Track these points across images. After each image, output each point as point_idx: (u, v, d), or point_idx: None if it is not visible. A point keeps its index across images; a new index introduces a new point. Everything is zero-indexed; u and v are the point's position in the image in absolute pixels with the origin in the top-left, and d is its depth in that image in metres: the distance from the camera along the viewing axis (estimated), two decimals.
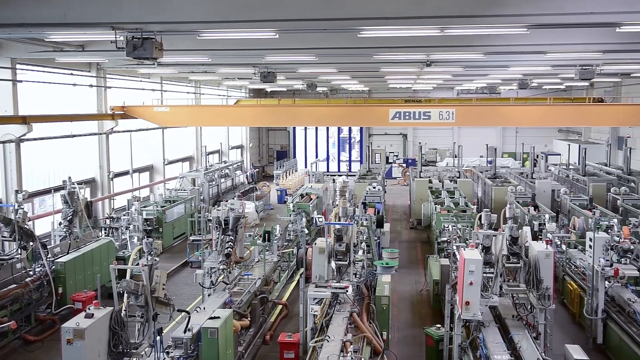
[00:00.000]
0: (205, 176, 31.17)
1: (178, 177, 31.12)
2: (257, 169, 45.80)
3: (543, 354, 10.88)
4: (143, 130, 28.44)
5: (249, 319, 14.08)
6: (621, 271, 13.94)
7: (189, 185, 30.16)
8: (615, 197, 24.47)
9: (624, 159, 30.37)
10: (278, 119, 29.09)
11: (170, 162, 32.41)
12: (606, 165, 33.34)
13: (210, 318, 11.66)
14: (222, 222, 14.57)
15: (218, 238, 14.55)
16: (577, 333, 15.53)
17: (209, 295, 14.03)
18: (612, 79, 35.42)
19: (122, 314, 10.63)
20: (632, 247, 15.13)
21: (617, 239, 15.27)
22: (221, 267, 14.05)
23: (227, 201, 15.57)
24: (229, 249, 14.35)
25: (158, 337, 10.59)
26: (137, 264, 10.91)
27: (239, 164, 40.50)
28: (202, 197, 29.50)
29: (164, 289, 11.01)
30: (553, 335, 12.60)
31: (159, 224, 23.64)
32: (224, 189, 33.58)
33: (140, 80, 28.81)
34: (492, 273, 12.32)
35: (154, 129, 29.23)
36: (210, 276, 14.15)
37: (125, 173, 27.37)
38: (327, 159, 52.56)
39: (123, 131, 26.47)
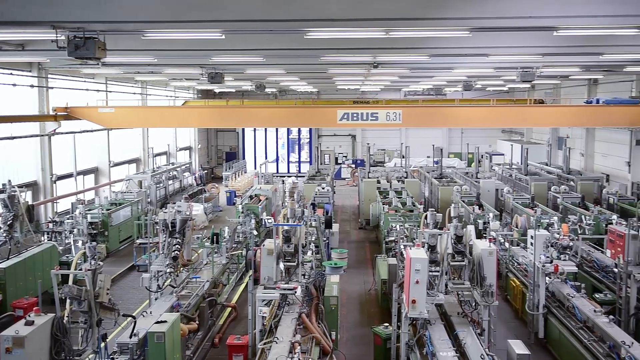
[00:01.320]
0: (153, 178, 30.68)
1: (124, 180, 30.53)
2: (205, 171, 45.35)
3: (487, 349, 11.16)
4: (87, 131, 27.76)
5: (197, 322, 13.93)
6: (561, 267, 14.39)
7: (135, 187, 29.60)
8: (556, 196, 25.26)
9: (564, 159, 31.40)
10: (226, 120, 28.86)
11: (116, 164, 31.77)
12: (547, 164, 34.40)
13: (157, 322, 11.47)
14: (169, 225, 14.39)
15: (165, 241, 14.37)
16: (520, 328, 15.95)
17: (156, 299, 13.84)
18: (552, 81, 36.66)
19: (64, 321, 10.35)
20: (571, 243, 15.65)
21: (557, 236, 15.79)
22: (168, 270, 13.87)
23: (174, 203, 15.37)
24: (176, 251, 14.17)
25: (102, 343, 10.38)
26: (81, 269, 10.65)
27: (187, 165, 40.02)
28: (149, 200, 29.01)
29: (108, 293, 10.78)
30: (497, 330, 12.93)
31: (105, 227, 23.15)
32: (172, 191, 33.12)
33: (84, 81, 28.15)
34: (438, 271, 12.50)
35: (99, 130, 28.57)
36: (158, 280, 13.96)
37: (69, 176, 26.69)
38: (277, 160, 52.50)
39: (66, 133, 25.79)
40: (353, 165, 47.84)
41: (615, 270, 14.96)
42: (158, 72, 27.15)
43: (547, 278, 14.58)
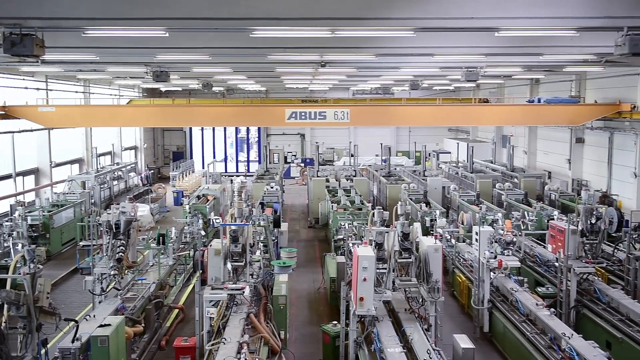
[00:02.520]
0: (96, 179, 29.95)
1: (66, 180, 29.69)
2: (152, 171, 44.52)
3: (433, 344, 11.33)
4: (27, 131, 26.83)
5: (142, 324, 13.68)
6: (504, 262, 14.75)
7: (78, 188, 28.81)
8: (500, 193, 25.88)
9: (508, 157, 32.17)
10: (173, 119, 28.43)
11: (58, 165, 30.85)
12: (492, 162, 35.19)
13: (101, 326, 11.22)
14: (113, 226, 14.08)
15: (109, 243, 14.04)
16: (466, 323, 16.27)
17: (99, 302, 13.53)
18: (496, 81, 37.53)
19: (1, 327, 9.98)
20: (514, 239, 16.08)
21: (501, 232, 16.17)
22: (112, 272, 13.59)
23: (118, 204, 15.05)
24: (120, 253, 13.88)
25: (43, 349, 10.05)
26: (19, 273, 10.28)
27: (133, 165, 39.24)
28: (92, 201, 28.31)
29: (48, 297, 10.43)
30: (443, 326, 13.14)
31: (46, 229, 22.48)
32: (117, 191, 32.42)
33: (23, 79, 27.23)
34: (385, 269, 12.65)
35: (39, 130, 27.69)
36: (101, 282, 13.63)
37: (8, 177, 25.79)
38: (225, 159, 52.06)
39: (4, 132, 24.91)
40: (302, 164, 47.88)
41: (557, 264, 15.42)
42: (101, 70, 26.48)
43: (491, 273, 14.92)
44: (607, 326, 13.33)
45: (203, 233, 21.13)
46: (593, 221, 15.40)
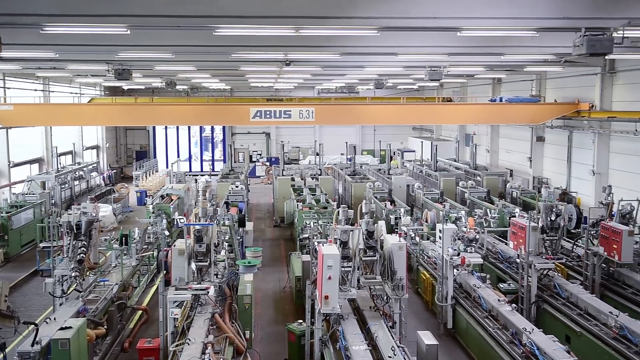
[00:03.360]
0: (57, 179, 29.33)
1: (26, 181, 29.01)
2: (114, 170, 43.88)
3: (398, 341, 11.43)
4: None
5: (105, 326, 13.47)
6: (467, 259, 14.93)
7: (38, 188, 28.17)
8: (463, 191, 26.20)
9: (471, 155, 32.60)
10: (135, 118, 28.09)
11: (17, 165, 30.13)
12: (455, 160, 35.61)
13: (61, 329, 11.00)
14: (74, 227, 13.81)
15: (69, 244, 13.77)
16: (431, 319, 16.44)
17: (60, 304, 13.25)
18: (459, 80, 38.00)
19: None
20: (477, 236, 16.30)
21: (464, 229, 16.38)
22: (73, 274, 13.33)
23: (79, 205, 14.77)
24: (81, 255, 13.63)
25: (1, 354, 9.82)
26: None
27: (95, 165, 38.58)
28: (53, 201, 27.73)
29: (6, 300, 10.21)
30: (408, 323, 13.23)
31: (4, 230, 21.99)
32: (78, 192, 31.78)
33: None
34: (350, 267, 12.68)
35: None
36: (62, 284, 13.37)
37: None
38: (190, 158, 51.59)
39: None
40: (267, 163, 47.73)
41: (518, 260, 15.70)
42: (61, 68, 25.94)
43: (454, 270, 15.08)
44: (566, 320, 13.62)
45: (167, 233, 20.88)
46: (553, 218, 15.75)
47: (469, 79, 36.62)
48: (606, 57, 21.93)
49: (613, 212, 16.49)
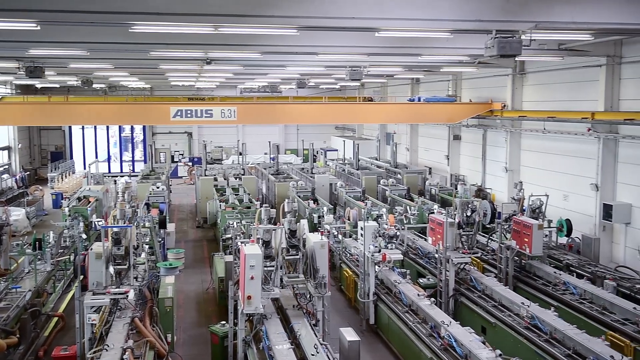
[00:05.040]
0: None
1: None
2: (28, 172, 41.91)
3: (321, 339, 11.54)
4: None
5: (17, 335, 12.89)
6: (388, 256, 15.21)
7: None
8: (384, 188, 26.70)
9: (391, 154, 33.27)
10: (49, 118, 26.96)
11: None
12: (377, 159, 36.25)
13: None
14: None
15: None
16: (353, 316, 16.68)
17: None
18: (380, 80, 38.70)
19: None
20: (397, 233, 16.64)
21: (385, 226, 16.70)
22: None
23: None
24: None
25: None
26: None
27: (7, 167, 36.79)
28: None
29: None
30: (331, 320, 13.38)
31: None
32: None
33: None
34: (273, 266, 12.70)
35: None
36: None
37: None
38: (109, 159, 50.04)
39: None
40: (190, 164, 47.00)
41: (436, 256, 16.16)
42: None
43: (376, 267, 15.36)
44: (482, 312, 14.15)
45: (84, 236, 20.10)
46: (469, 214, 16.32)
47: (389, 79, 37.35)
48: (516, 59, 22.98)
49: (524, 207, 17.25)
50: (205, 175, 30.59)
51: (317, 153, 42.79)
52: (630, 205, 18.88)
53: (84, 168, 44.04)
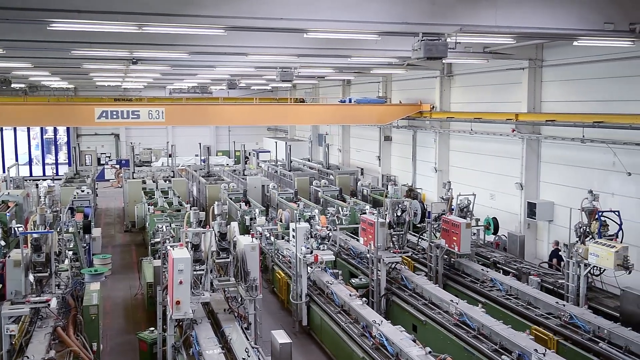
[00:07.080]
0: None
1: None
2: None
3: (253, 342, 11.41)
4: None
5: None
6: (320, 257, 15.21)
7: None
8: (317, 189, 26.75)
9: (324, 155, 33.38)
10: None
11: None
12: (309, 160, 36.28)
13: None
14: None
15: None
16: (286, 318, 16.58)
17: None
18: (311, 81, 38.76)
19: None
20: (329, 234, 16.68)
21: (317, 227, 16.69)
22: None
23: None
24: None
25: None
26: None
27: None
28: None
29: None
30: (263, 323, 13.30)
31: None
32: None
33: None
34: (203, 270, 12.45)
35: None
36: None
37: None
38: (30, 162, 48.00)
39: None
40: (117, 166, 45.64)
41: (368, 255, 16.28)
42: None
43: (308, 268, 15.32)
44: (412, 311, 14.35)
45: (3, 243, 19.19)
46: (399, 214, 16.48)
47: (321, 80, 37.46)
48: (443, 61, 23.54)
49: (453, 207, 17.62)
50: (134, 178, 29.80)
51: (249, 154, 42.42)
52: (552, 203, 19.62)
53: (3, 171, 42.01)
